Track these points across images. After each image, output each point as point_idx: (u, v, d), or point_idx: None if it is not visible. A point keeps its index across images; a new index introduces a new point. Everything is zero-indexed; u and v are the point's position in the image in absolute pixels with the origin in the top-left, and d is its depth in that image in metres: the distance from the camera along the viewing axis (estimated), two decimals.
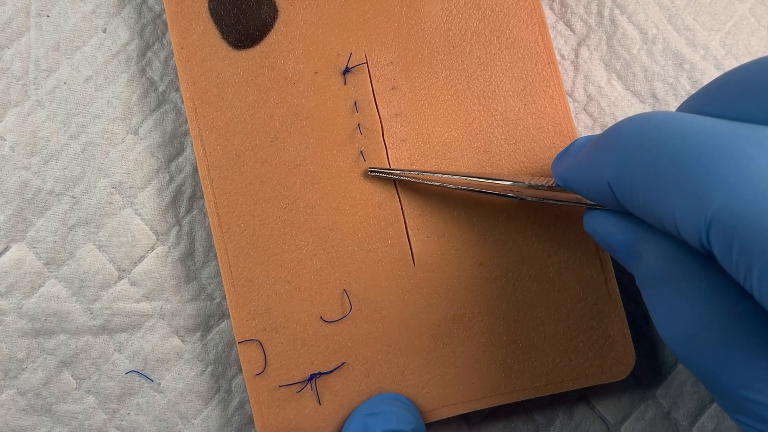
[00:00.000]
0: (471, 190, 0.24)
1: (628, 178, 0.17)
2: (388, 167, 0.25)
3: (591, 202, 0.21)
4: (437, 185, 0.24)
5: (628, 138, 0.17)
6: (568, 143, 0.25)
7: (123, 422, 0.26)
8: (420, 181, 0.24)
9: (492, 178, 0.23)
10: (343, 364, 0.25)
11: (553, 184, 0.22)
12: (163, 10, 0.28)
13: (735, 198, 0.13)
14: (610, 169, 0.17)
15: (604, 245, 0.21)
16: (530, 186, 0.22)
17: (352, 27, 0.26)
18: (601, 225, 0.20)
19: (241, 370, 0.27)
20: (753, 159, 0.13)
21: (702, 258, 0.17)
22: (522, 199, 0.23)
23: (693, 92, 0.27)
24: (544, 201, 0.23)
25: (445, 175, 0.24)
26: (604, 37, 0.28)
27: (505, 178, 0.23)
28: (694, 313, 0.16)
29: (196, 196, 0.27)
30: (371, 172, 0.25)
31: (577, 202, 0.22)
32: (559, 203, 0.22)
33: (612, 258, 0.25)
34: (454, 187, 0.24)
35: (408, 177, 0.25)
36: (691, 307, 0.17)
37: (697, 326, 0.16)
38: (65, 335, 0.27)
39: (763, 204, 0.13)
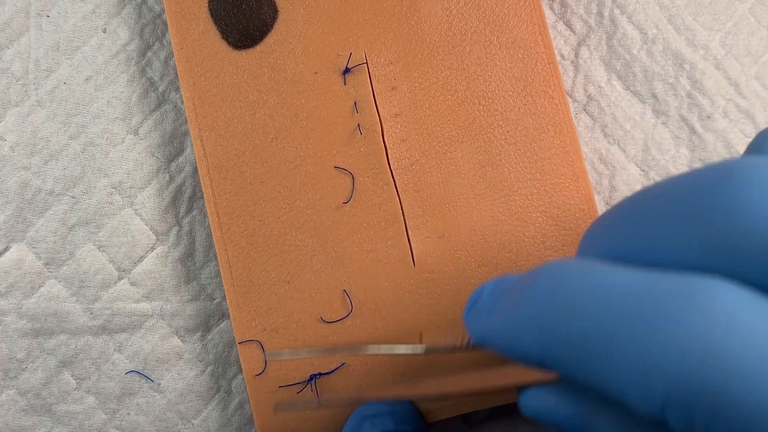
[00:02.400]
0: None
1: (556, 355, 0.15)
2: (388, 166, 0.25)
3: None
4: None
5: (545, 309, 0.15)
6: (568, 143, 0.25)
7: (123, 422, 0.26)
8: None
9: (399, 343, 0.22)
10: (343, 364, 0.25)
11: (470, 342, 0.19)
12: (163, 10, 0.28)
13: (686, 376, 0.12)
14: (532, 344, 0.15)
15: (549, 425, 0.18)
16: (444, 349, 0.20)
17: (352, 27, 0.26)
18: (540, 404, 0.18)
19: (241, 370, 0.27)
20: (692, 325, 0.12)
21: (657, 426, 0.15)
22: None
23: (693, 92, 0.27)
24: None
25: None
26: (604, 37, 0.28)
27: (405, 343, 0.22)
28: None
29: (196, 196, 0.27)
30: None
31: (504, 389, 0.19)
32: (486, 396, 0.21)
33: None
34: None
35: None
36: None
37: None
38: (65, 335, 0.27)
39: (717, 378, 0.12)
